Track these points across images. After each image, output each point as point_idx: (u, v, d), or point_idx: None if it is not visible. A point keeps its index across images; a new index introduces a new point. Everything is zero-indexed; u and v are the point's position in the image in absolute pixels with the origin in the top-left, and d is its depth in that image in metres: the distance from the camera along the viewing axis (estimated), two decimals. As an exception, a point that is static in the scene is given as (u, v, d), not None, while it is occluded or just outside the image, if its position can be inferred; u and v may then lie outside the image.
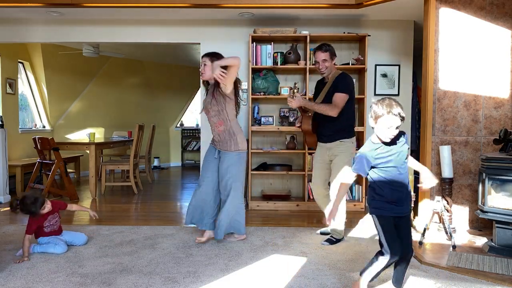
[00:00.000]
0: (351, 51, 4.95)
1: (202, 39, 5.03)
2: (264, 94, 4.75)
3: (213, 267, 2.81)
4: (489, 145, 3.72)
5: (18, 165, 5.48)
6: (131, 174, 5.72)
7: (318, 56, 3.39)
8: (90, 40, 5.18)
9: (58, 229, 3.25)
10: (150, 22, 5.01)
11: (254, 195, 5.02)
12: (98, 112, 7.94)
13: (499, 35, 3.68)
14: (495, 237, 3.08)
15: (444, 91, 3.73)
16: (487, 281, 2.56)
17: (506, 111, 3.70)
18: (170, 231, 3.72)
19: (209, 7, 4.33)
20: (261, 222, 4.11)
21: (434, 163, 3.75)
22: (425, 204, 3.75)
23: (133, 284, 2.50)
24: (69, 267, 2.80)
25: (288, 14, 4.71)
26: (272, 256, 3.05)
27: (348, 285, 2.49)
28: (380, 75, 4.96)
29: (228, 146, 3.26)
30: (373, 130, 2.19)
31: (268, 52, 4.73)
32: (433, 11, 3.69)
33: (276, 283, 2.54)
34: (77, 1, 4.22)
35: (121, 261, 2.92)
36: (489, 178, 3.12)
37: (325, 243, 3.33)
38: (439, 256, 3.00)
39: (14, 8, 4.44)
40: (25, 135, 6.36)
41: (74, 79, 7.48)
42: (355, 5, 4.23)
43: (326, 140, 3.39)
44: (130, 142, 6.52)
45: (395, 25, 4.93)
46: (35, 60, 6.83)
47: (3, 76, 5.83)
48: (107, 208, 4.85)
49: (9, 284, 2.50)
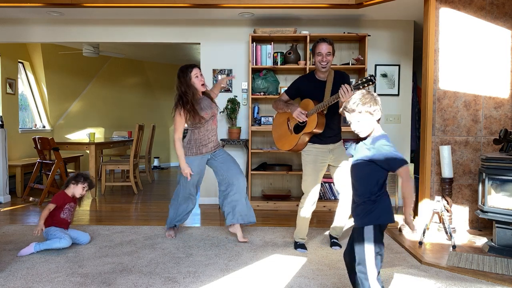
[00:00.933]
0: (351, 51, 4.95)
1: (202, 39, 5.03)
2: (264, 94, 4.75)
3: (213, 267, 2.81)
4: (489, 145, 3.72)
5: (18, 165, 5.48)
6: (131, 174, 5.72)
7: (323, 48, 3.02)
8: (90, 40, 5.18)
9: (70, 221, 3.32)
10: (150, 22, 5.01)
11: (254, 195, 5.02)
12: (98, 112, 7.94)
13: (499, 35, 3.69)
14: (495, 237, 3.08)
15: (444, 91, 3.73)
16: (487, 281, 2.56)
17: (506, 111, 3.70)
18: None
19: (209, 7, 4.33)
20: (261, 222, 4.11)
21: (434, 163, 3.75)
22: (425, 204, 3.75)
23: (133, 284, 2.50)
24: (69, 267, 2.80)
25: (288, 14, 4.71)
26: (272, 256, 3.05)
27: (348, 285, 2.49)
28: (380, 75, 4.96)
29: (219, 144, 3.59)
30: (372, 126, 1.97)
31: (268, 52, 4.73)
32: (433, 11, 3.69)
33: (276, 283, 2.54)
34: (77, 1, 4.22)
35: (121, 261, 2.92)
36: (489, 178, 3.12)
37: (336, 248, 3.23)
38: (439, 256, 3.00)
39: (14, 8, 4.44)
40: (25, 135, 6.36)
41: (74, 79, 7.48)
42: (355, 5, 4.23)
43: (330, 141, 3.13)
44: (130, 142, 6.53)
45: (395, 25, 4.93)
46: (35, 60, 6.83)
47: (3, 76, 5.83)
48: (107, 208, 4.85)
49: (9, 284, 2.50)
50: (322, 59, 3.02)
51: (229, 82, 4.98)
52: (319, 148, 3.12)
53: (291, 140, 3.18)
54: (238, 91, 5.03)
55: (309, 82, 3.18)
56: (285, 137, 3.26)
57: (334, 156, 3.14)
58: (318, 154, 3.12)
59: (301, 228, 3.21)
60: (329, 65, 3.06)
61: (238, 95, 5.01)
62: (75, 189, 3.28)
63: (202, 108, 3.31)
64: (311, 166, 3.12)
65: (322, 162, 3.13)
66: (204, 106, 3.34)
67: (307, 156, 3.14)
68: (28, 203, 4.98)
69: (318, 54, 3.03)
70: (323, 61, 3.02)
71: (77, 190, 3.28)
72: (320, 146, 3.12)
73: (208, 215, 4.46)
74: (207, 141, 3.39)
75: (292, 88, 3.25)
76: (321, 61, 3.02)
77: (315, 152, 3.12)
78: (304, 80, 3.22)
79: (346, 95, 2.68)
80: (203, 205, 4.98)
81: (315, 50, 3.06)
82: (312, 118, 3.03)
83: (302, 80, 3.22)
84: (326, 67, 3.05)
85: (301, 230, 3.22)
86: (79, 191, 3.28)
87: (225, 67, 5.03)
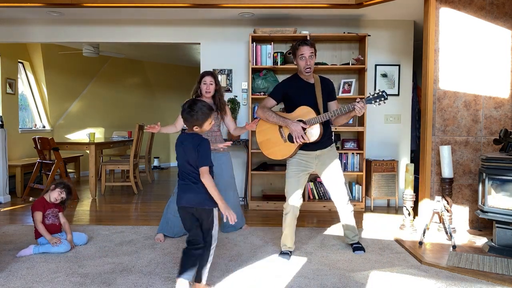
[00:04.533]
0: (351, 51, 4.95)
1: (202, 39, 5.03)
2: (264, 94, 4.74)
3: (213, 267, 2.81)
4: (489, 145, 3.72)
5: (18, 165, 5.48)
6: (131, 174, 5.72)
7: (306, 51, 2.92)
8: (90, 40, 5.18)
9: (59, 225, 3.28)
10: (150, 22, 5.01)
11: (254, 195, 5.02)
12: (98, 112, 7.94)
13: (499, 35, 3.69)
14: (495, 237, 3.08)
15: (444, 91, 3.73)
16: (487, 281, 2.56)
17: (506, 111, 3.70)
18: (170, 231, 3.72)
19: (209, 7, 4.33)
20: (261, 222, 4.11)
21: (434, 163, 3.75)
22: (425, 204, 3.75)
23: (133, 284, 2.50)
24: (69, 267, 2.80)
25: (288, 14, 4.71)
26: (272, 256, 3.04)
27: (348, 285, 2.49)
28: (380, 75, 4.96)
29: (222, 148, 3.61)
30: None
31: (268, 52, 4.73)
32: (433, 11, 3.69)
33: (276, 283, 2.54)
34: (77, 1, 4.22)
35: (121, 261, 2.92)
36: (489, 178, 3.12)
37: (360, 252, 3.12)
38: (439, 256, 3.00)
39: (14, 8, 4.44)
40: (25, 135, 6.36)
41: (74, 79, 7.48)
42: (355, 5, 4.23)
43: (318, 147, 3.01)
44: (130, 142, 6.53)
45: (395, 25, 4.93)
46: (35, 60, 6.83)
47: (3, 76, 5.83)
48: (107, 208, 4.85)
49: (9, 284, 2.50)
50: (306, 63, 2.95)
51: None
52: (303, 154, 3.04)
53: (285, 149, 3.03)
54: (238, 91, 5.03)
55: (297, 85, 3.06)
56: (277, 145, 3.07)
57: (321, 161, 3.06)
58: (302, 158, 3.04)
59: (285, 235, 3.07)
60: (313, 67, 3.00)
61: (238, 95, 5.01)
62: (52, 193, 3.26)
63: None
64: (293, 168, 3.05)
65: (305, 166, 3.04)
66: None
67: (291, 159, 3.06)
68: (28, 203, 4.98)
69: (301, 57, 2.95)
70: (307, 64, 2.95)
71: (53, 194, 3.25)
72: (305, 152, 3.03)
73: (208, 215, 4.46)
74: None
75: (278, 93, 3.10)
76: (305, 66, 2.95)
77: (299, 156, 3.04)
78: (290, 83, 3.09)
79: (362, 110, 2.84)
80: (203, 205, 4.97)
81: (297, 53, 2.97)
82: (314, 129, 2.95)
83: (289, 84, 3.09)
84: (310, 71, 2.99)
85: (286, 237, 3.07)
86: (54, 195, 3.25)
87: (225, 67, 5.03)
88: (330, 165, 3.07)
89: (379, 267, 2.82)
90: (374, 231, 3.75)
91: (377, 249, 3.22)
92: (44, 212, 3.20)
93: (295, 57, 3.02)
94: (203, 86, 3.55)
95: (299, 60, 2.98)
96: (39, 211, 3.17)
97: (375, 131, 4.98)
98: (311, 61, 2.96)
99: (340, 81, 4.91)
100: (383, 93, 2.83)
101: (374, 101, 2.85)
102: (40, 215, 3.16)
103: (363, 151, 4.65)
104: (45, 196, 3.29)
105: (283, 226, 3.08)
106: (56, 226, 3.25)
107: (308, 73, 2.99)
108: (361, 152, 4.67)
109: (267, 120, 3.09)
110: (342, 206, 3.10)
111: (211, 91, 3.56)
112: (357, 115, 2.92)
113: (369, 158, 4.88)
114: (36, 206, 3.19)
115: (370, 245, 3.30)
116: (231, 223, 2.27)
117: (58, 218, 3.28)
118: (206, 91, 3.54)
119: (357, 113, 2.85)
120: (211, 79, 3.55)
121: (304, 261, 2.94)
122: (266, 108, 3.10)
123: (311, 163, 3.05)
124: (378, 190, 4.73)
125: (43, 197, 3.28)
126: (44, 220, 3.18)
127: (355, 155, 4.77)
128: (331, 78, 4.95)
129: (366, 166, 4.74)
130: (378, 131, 4.99)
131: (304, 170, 3.05)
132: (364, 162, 4.66)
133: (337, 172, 3.07)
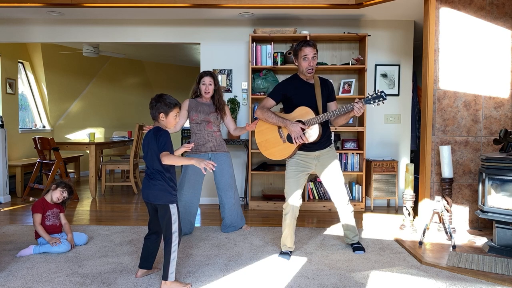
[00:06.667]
0: (351, 51, 4.95)
1: (202, 39, 5.03)
2: (264, 94, 4.74)
3: (213, 267, 2.81)
4: (489, 145, 3.72)
5: (18, 165, 5.48)
6: (131, 174, 5.72)
7: (310, 52, 2.93)
8: (90, 40, 5.18)
9: (59, 225, 3.28)
10: (150, 22, 5.01)
11: (254, 195, 5.02)
12: (98, 112, 7.94)
13: (499, 35, 3.69)
14: (495, 237, 3.08)
15: (444, 91, 3.73)
16: (487, 281, 2.56)
17: (506, 111, 3.70)
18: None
19: (209, 7, 4.33)
20: (261, 222, 4.11)
21: (434, 163, 3.75)
22: (425, 204, 3.75)
23: (133, 284, 2.50)
24: (69, 267, 2.80)
25: (288, 14, 4.71)
26: (272, 256, 3.05)
27: (348, 285, 2.49)
28: (380, 75, 4.96)
29: (224, 147, 3.72)
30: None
31: (268, 52, 4.73)
32: (433, 11, 3.69)
33: (276, 283, 2.54)
34: (77, 1, 4.22)
35: (121, 261, 2.92)
36: (489, 178, 3.12)
37: (360, 252, 3.13)
38: (439, 256, 3.00)
39: (14, 8, 4.44)
40: (25, 135, 6.36)
41: (74, 79, 7.48)
42: (355, 5, 4.23)
43: (317, 148, 3.02)
44: (130, 142, 6.53)
45: (395, 25, 4.93)
46: (35, 60, 6.83)
47: (3, 76, 5.83)
48: (107, 208, 4.85)
49: (9, 284, 2.50)
50: (310, 64, 2.95)
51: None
52: (302, 154, 3.04)
53: (284, 149, 3.03)
54: (238, 91, 5.03)
55: (297, 85, 3.05)
56: (276, 146, 3.07)
57: (320, 162, 3.06)
58: (301, 159, 3.04)
59: (285, 235, 3.07)
60: (315, 68, 3.01)
61: (238, 95, 5.01)
62: (53, 193, 3.26)
63: (196, 110, 3.58)
64: (292, 168, 3.05)
65: (305, 167, 3.04)
66: (200, 110, 3.59)
67: (290, 160, 3.07)
68: (28, 203, 4.98)
69: (305, 58, 2.95)
70: (310, 65, 2.95)
71: (55, 194, 3.25)
72: (304, 152, 3.04)
73: (208, 215, 4.46)
74: (204, 141, 3.61)
75: (277, 94, 3.09)
76: (307, 67, 2.96)
77: (298, 156, 3.05)
78: (290, 84, 3.08)
79: (361, 110, 2.84)
80: (203, 205, 4.98)
81: (300, 54, 2.96)
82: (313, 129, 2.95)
83: (288, 84, 3.08)
84: (312, 72, 3.00)
85: (286, 237, 3.07)
86: (56, 195, 3.25)
87: (225, 67, 5.03)
88: (329, 165, 3.07)
89: (379, 267, 2.82)
90: (374, 231, 3.75)
91: (377, 249, 3.23)
92: (44, 213, 3.19)
93: (297, 58, 3.02)
94: (202, 87, 3.56)
95: (302, 61, 2.97)
96: (38, 213, 3.16)
97: (375, 131, 4.98)
98: (313, 62, 2.96)
99: (340, 81, 4.91)
100: (381, 93, 2.84)
101: (373, 102, 2.86)
102: (39, 217, 3.15)
103: (363, 151, 4.66)
104: (46, 196, 3.29)
105: (283, 226, 3.09)
106: (56, 227, 3.24)
107: (310, 73, 3.01)
108: (361, 152, 4.68)
109: (266, 120, 3.09)
110: (342, 207, 3.11)
111: (210, 91, 3.57)
112: (356, 116, 2.93)
113: (369, 158, 4.88)
114: (35, 207, 3.18)
115: (370, 245, 3.31)
116: (209, 170, 2.35)
117: (58, 219, 3.28)
118: (205, 91, 3.55)
119: (356, 113, 2.85)
120: (210, 80, 3.56)
121: (304, 261, 2.95)
122: (265, 109, 3.10)
123: (311, 164, 3.06)
124: (378, 190, 4.73)
125: (43, 198, 3.28)
126: (44, 221, 3.18)
127: (355, 155, 4.77)
128: (331, 78, 5.00)
129: (366, 166, 4.74)
130: (378, 131, 4.99)
131: (304, 170, 3.05)
132: (364, 162, 4.66)
133: (337, 173, 3.08)
